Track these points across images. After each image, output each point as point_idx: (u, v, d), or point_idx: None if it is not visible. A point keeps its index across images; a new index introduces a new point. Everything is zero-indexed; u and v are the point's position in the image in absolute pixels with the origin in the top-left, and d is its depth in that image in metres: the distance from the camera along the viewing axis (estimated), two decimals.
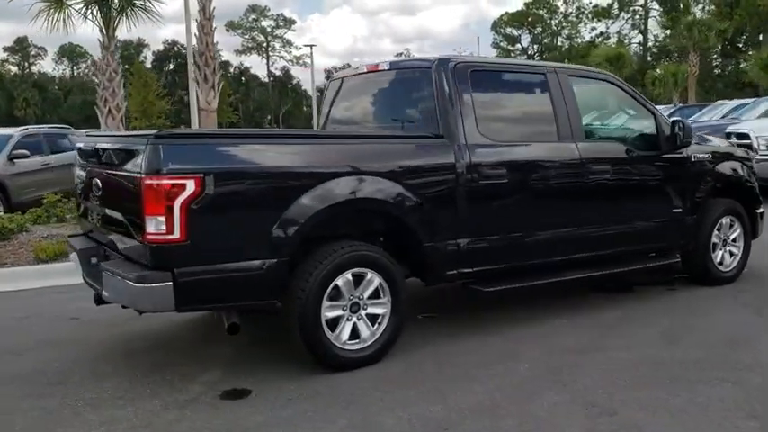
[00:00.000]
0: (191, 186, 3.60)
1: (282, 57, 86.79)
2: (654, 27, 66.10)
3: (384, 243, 4.40)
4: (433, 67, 4.65)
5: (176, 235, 3.59)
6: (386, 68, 5.13)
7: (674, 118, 5.75)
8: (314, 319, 4.01)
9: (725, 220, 6.04)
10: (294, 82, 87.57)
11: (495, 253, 4.67)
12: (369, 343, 4.23)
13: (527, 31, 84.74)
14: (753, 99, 19.08)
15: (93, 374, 4.25)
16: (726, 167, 6.06)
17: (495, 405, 3.64)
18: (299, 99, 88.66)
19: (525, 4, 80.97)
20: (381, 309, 4.27)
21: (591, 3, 71.85)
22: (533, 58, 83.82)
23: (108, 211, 4.18)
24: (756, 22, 49.77)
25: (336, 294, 4.11)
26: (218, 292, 3.82)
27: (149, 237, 3.61)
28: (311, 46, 53.41)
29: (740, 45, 57.05)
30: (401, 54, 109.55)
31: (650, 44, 61.70)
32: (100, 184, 4.19)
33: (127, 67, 40.04)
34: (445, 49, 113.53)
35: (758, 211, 6.33)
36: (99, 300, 4.40)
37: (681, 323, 5.01)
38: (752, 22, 50.05)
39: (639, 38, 65.12)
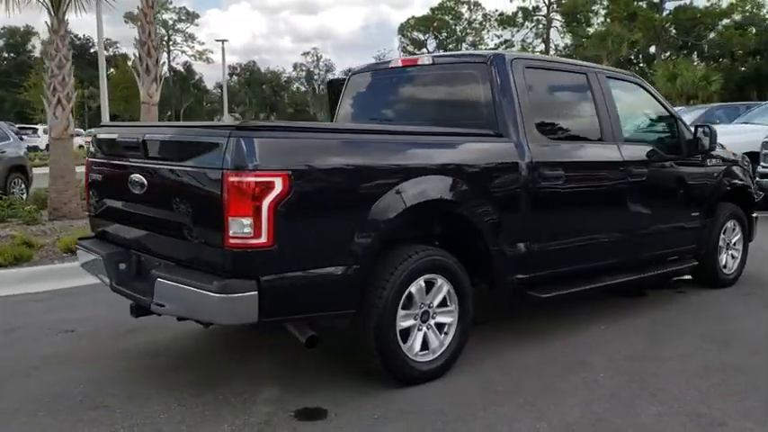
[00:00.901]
0: (278, 185, 3.21)
1: (185, 51, 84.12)
2: (555, 37, 68.74)
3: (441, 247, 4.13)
4: (490, 61, 4.43)
5: (263, 239, 3.19)
6: (427, 63, 4.85)
7: (700, 123, 5.80)
8: (390, 329, 3.69)
9: (729, 224, 6.16)
10: (197, 77, 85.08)
11: (549, 258, 4.49)
12: (438, 354, 3.96)
13: (433, 36, 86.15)
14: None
15: (131, 397, 3.73)
16: (733, 173, 6.18)
17: (601, 419, 3.45)
18: (200, 95, 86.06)
19: (431, 9, 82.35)
20: (449, 317, 4.00)
21: (497, 11, 73.93)
22: None
23: (156, 212, 3.69)
24: (652, 34, 52.71)
25: (408, 303, 3.81)
26: (303, 301, 3.44)
27: (232, 241, 3.19)
28: (223, 41, 51.74)
29: (632, 57, 60.26)
30: (308, 53, 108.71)
31: (552, 53, 63.90)
32: (145, 181, 3.69)
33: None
34: (349, 50, 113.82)
35: (754, 215, 6.52)
36: (139, 311, 3.90)
37: (716, 327, 5.01)
38: (648, 35, 52.99)
39: (542, 47, 67.30)
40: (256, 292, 3.21)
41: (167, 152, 3.61)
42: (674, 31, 59.15)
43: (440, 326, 3.98)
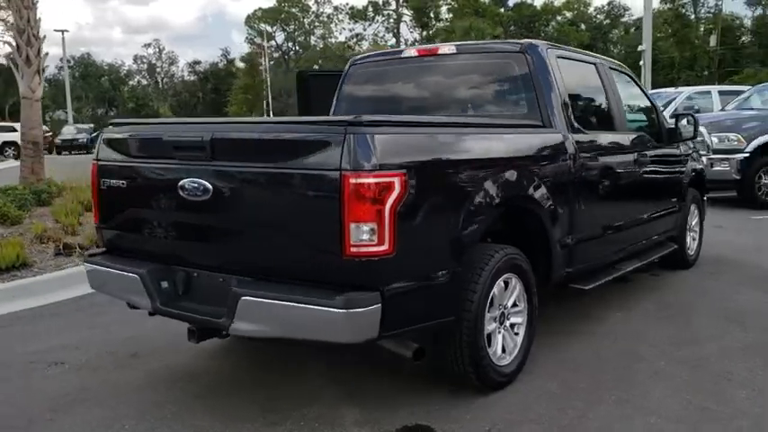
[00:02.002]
0: (397, 185, 2.89)
1: (8, 42, 76.95)
2: (405, 31, 70.22)
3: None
4: (526, 50, 4.30)
5: (385, 246, 2.86)
6: (450, 52, 4.64)
7: (684, 112, 6.04)
8: (480, 334, 3.48)
9: (692, 208, 6.50)
10: None
11: (586, 249, 4.46)
12: (513, 356, 3.79)
13: (281, 29, 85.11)
14: None
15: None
16: (694, 159, 6.51)
17: (704, 407, 3.44)
18: None
19: (277, 0, 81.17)
20: (520, 317, 3.85)
21: (347, 4, 74.25)
22: (288, 56, 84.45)
23: (229, 221, 3.21)
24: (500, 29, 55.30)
25: (491, 306, 3.61)
26: (415, 312, 3.13)
27: (354, 249, 2.83)
28: (62, 31, 47.81)
29: None
30: (149, 45, 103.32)
31: (402, 47, 64.97)
32: (210, 187, 3.19)
33: None
34: (187, 42, 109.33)
35: (705, 198, 6.93)
36: (202, 335, 3.41)
37: (718, 306, 5.21)
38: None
39: (393, 41, 68.53)
40: (380, 305, 2.88)
41: (253, 152, 3.13)
42: (512, 27, 62.46)
43: (512, 326, 3.82)
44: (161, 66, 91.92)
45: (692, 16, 57.02)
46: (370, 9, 69.91)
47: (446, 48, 4.67)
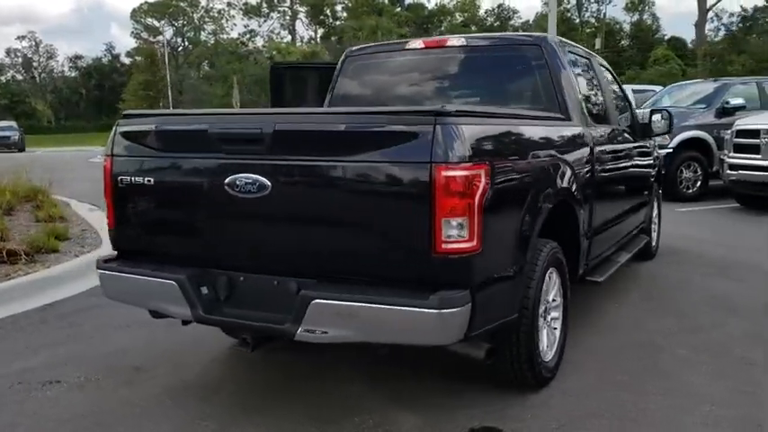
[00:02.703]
0: (483, 178, 2.78)
1: None
2: (301, 29, 69.65)
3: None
4: (541, 43, 4.29)
5: (474, 242, 2.74)
6: (460, 44, 4.55)
7: (659, 107, 6.22)
8: (535, 330, 3.42)
9: (654, 201, 6.75)
10: None
11: (600, 241, 4.51)
12: (554, 351, 3.76)
13: (169, 24, 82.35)
14: None
15: None
16: (657, 155, 6.76)
17: (747, 392, 3.54)
18: None
19: None
20: (557, 312, 3.82)
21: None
22: (177, 52, 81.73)
23: (277, 218, 2.99)
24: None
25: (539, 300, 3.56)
26: (495, 310, 3.02)
27: (445, 246, 2.68)
28: None
29: None
30: (23, 37, 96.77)
31: (299, 44, 64.58)
32: (267, 183, 2.92)
33: None
34: (62, 35, 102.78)
35: (660, 191, 7.21)
36: (256, 343, 3.14)
37: (703, 295, 5.39)
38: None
39: (289, 37, 67.74)
40: (471, 304, 2.75)
41: (325, 145, 2.90)
42: (406, 27, 63.35)
43: (552, 321, 3.78)
44: (38, 60, 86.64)
45: (577, 20, 59.84)
46: (265, 5, 68.74)
47: (455, 40, 4.58)
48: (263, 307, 3.07)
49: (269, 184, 2.95)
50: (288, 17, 68.48)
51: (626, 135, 5.38)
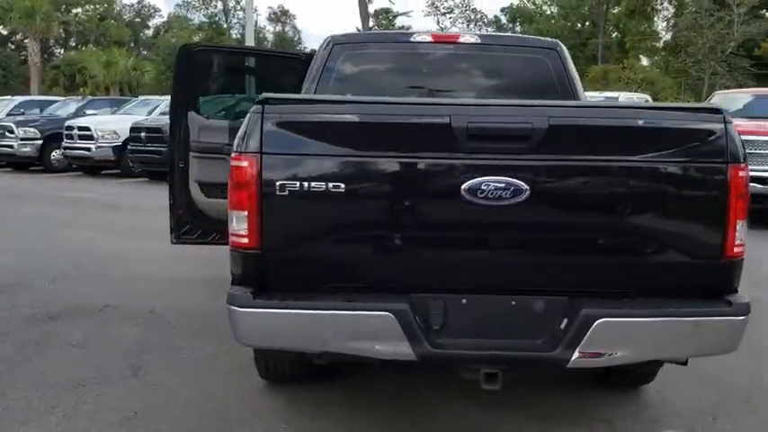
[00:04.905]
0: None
1: None
2: None
3: None
4: (558, 48, 4.34)
5: (744, 244, 2.70)
6: (474, 41, 4.32)
7: None
8: None
9: None
10: None
11: None
12: None
13: None
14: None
15: None
16: None
17: None
18: None
19: None
20: None
21: None
22: None
23: (535, 228, 2.59)
24: None
25: None
26: None
27: (737, 250, 2.60)
28: None
29: None
30: None
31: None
32: (526, 188, 2.46)
33: None
34: None
35: None
36: (510, 376, 2.60)
37: None
38: None
39: None
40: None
41: (603, 143, 2.55)
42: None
43: None
44: None
45: (225, 25, 60.28)
46: None
47: (468, 37, 4.34)
48: (494, 333, 2.59)
49: (526, 188, 2.49)
50: None
51: None
